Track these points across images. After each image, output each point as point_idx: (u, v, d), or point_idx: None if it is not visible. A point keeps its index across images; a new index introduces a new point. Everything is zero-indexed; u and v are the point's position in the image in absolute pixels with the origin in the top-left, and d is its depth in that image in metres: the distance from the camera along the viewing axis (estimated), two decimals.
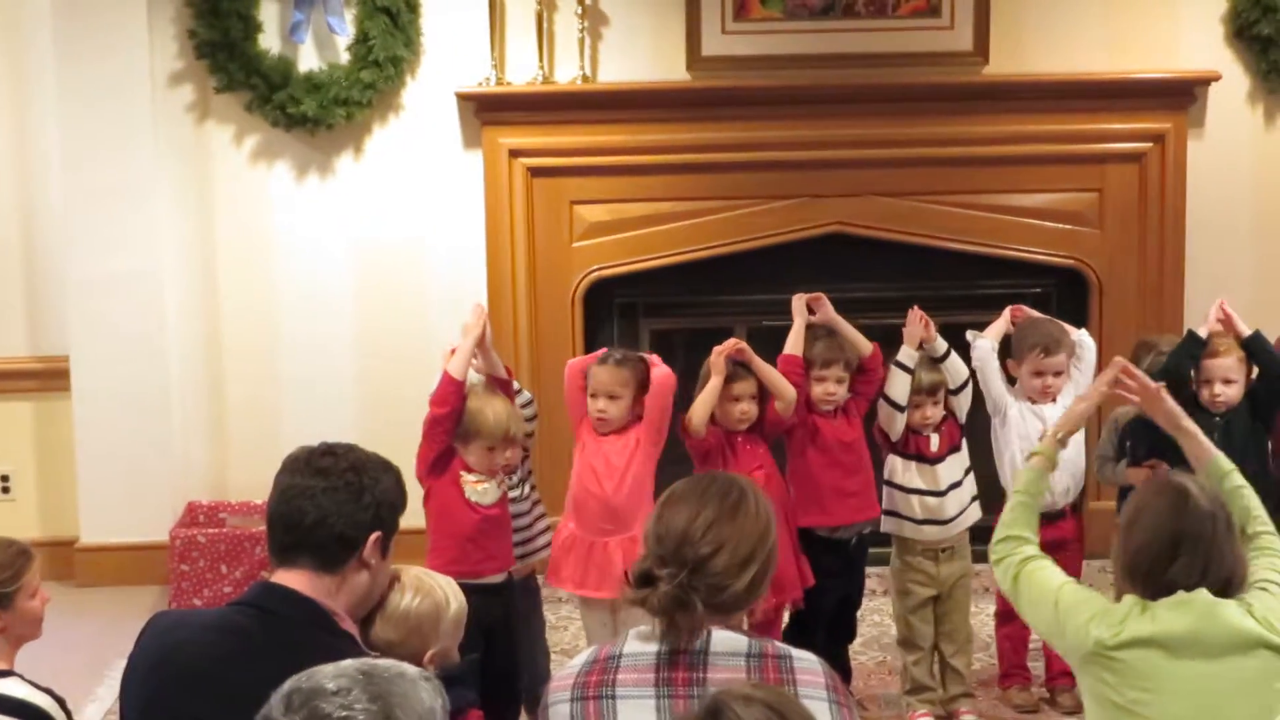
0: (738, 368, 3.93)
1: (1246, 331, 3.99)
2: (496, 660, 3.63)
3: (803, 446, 4.06)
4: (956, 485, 4.10)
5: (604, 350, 3.99)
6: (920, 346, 4.07)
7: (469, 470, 3.71)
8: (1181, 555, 2.46)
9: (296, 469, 2.31)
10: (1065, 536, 4.14)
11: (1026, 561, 2.68)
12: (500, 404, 3.70)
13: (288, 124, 5.28)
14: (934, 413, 4.07)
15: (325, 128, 5.29)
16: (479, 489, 3.71)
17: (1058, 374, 4.11)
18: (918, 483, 4.08)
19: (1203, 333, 3.98)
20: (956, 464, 4.12)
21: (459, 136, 5.37)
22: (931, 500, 4.07)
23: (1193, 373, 3.98)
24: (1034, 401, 4.12)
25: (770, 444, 4.01)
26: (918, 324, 4.04)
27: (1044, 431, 3.32)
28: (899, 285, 5.39)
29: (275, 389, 5.48)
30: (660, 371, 3.89)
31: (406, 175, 5.41)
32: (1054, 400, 4.10)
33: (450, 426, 3.66)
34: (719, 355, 3.90)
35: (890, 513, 4.14)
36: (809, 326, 4.11)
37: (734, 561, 2.09)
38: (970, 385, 4.11)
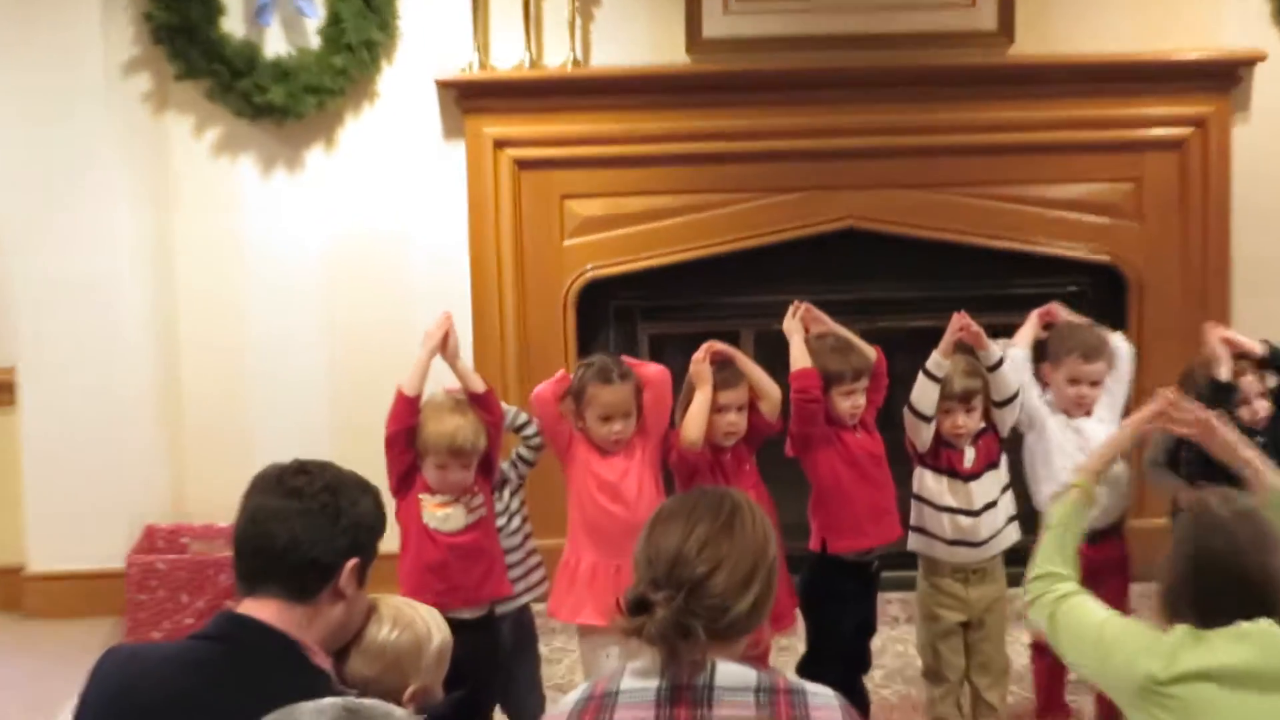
0: (723, 374, 3.90)
1: (1256, 348, 4.02)
2: (470, 704, 3.61)
3: (831, 465, 4.05)
4: (992, 505, 4.06)
5: (562, 374, 3.95)
6: (959, 352, 4.04)
7: (430, 492, 3.71)
8: (1236, 583, 2.45)
9: (267, 489, 2.31)
10: (1110, 559, 4.13)
11: (1064, 599, 2.67)
12: (454, 417, 3.68)
13: (253, 114, 5.28)
14: (967, 422, 4.02)
15: (294, 118, 5.29)
16: (439, 514, 3.71)
17: (1094, 384, 4.09)
18: (949, 500, 4.04)
19: (1224, 374, 3.97)
20: (993, 482, 4.08)
21: (439, 126, 5.38)
22: (964, 520, 4.04)
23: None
24: (1068, 414, 4.10)
25: (757, 456, 4.01)
26: (957, 332, 3.99)
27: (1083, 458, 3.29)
28: (918, 285, 5.44)
29: (242, 402, 5.49)
30: (654, 369, 3.93)
31: (383, 169, 5.42)
32: (1088, 413, 4.09)
33: (403, 447, 3.69)
34: (700, 363, 3.89)
35: (918, 530, 4.11)
36: (818, 337, 4.13)
37: (734, 580, 2.09)
38: (1018, 400, 4.06)
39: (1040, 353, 4.22)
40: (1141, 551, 4.52)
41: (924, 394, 4.00)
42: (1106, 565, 4.04)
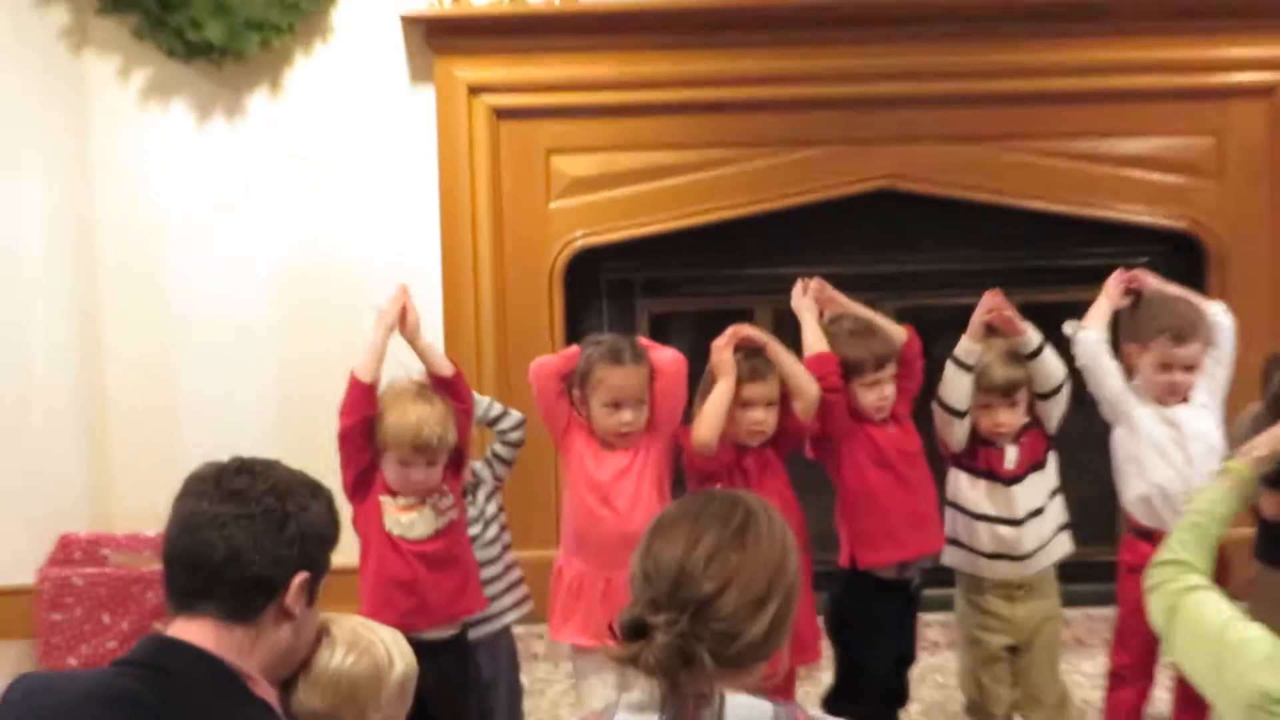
0: (751, 362, 3.89)
1: None
2: None
3: (859, 467, 4.05)
4: (1037, 513, 4.06)
5: (575, 349, 3.93)
6: (991, 337, 4.02)
7: (392, 494, 3.72)
8: None
9: (202, 492, 2.30)
10: None
11: (1190, 591, 2.67)
12: (418, 406, 3.68)
13: (187, 54, 5.29)
14: (1009, 418, 4.02)
15: (235, 58, 5.31)
16: (403, 519, 3.71)
17: (1190, 368, 4.02)
18: (987, 507, 4.05)
19: None
20: (1038, 485, 4.07)
21: (405, 69, 5.41)
22: (1005, 530, 4.04)
23: None
24: (1161, 403, 4.04)
25: (784, 460, 3.99)
26: (986, 313, 3.98)
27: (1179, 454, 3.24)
28: (965, 256, 5.47)
29: (171, 393, 5.50)
30: (668, 355, 3.90)
31: (338, 119, 5.43)
32: (1184, 400, 4.04)
33: (360, 441, 3.69)
34: (724, 350, 3.87)
35: (953, 542, 4.11)
36: (833, 320, 4.14)
37: (746, 600, 2.07)
38: (1065, 391, 4.04)
39: (1117, 327, 4.14)
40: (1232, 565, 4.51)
41: (954, 386, 4.00)
42: None
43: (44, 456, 5.31)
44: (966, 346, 3.99)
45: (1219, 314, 4.10)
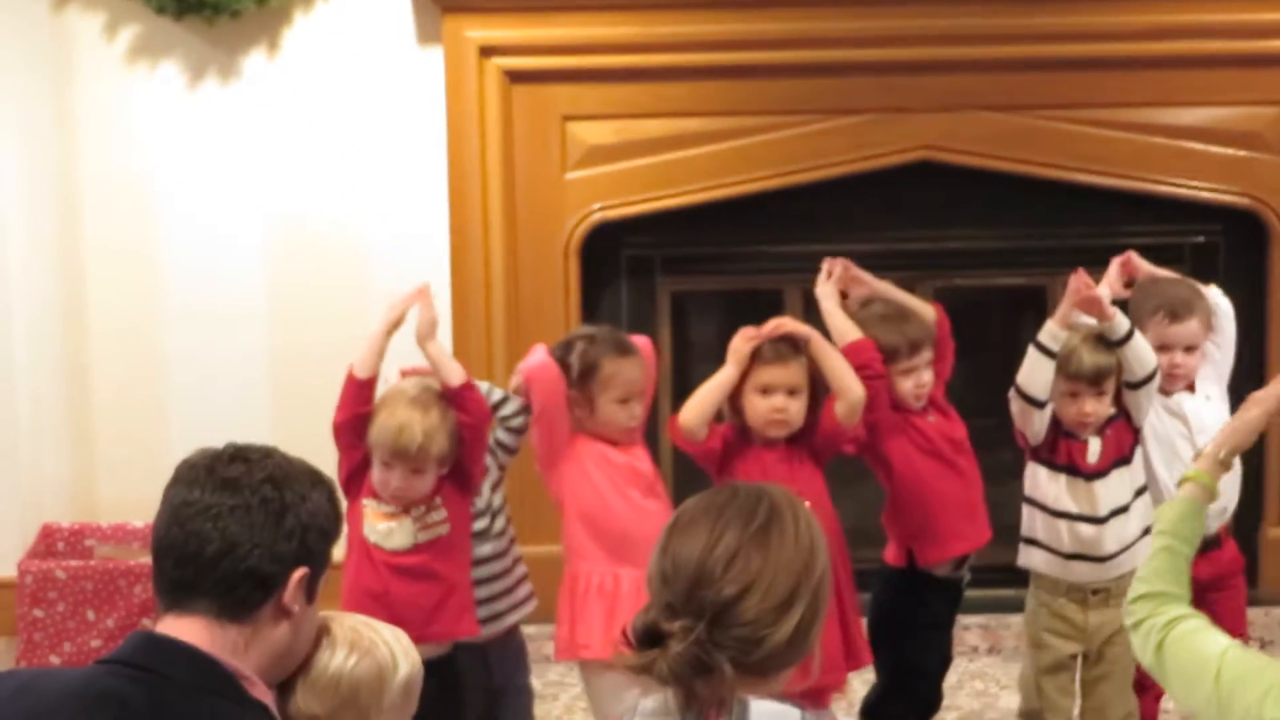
0: (774, 345, 3.91)
1: None
2: None
3: (907, 458, 4.08)
4: (1121, 511, 4.05)
5: (541, 350, 3.96)
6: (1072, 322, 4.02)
7: (377, 498, 3.75)
8: None
9: (195, 480, 2.29)
10: (1223, 571, 4.14)
11: (1174, 624, 2.65)
12: (409, 410, 3.70)
13: (178, 10, 5.27)
14: (1096, 409, 4.00)
15: (229, 16, 5.29)
16: (380, 527, 3.74)
17: (1189, 349, 4.11)
18: (1067, 504, 4.04)
19: None
20: (1123, 481, 4.06)
21: (411, 28, 5.39)
22: (1085, 529, 4.03)
23: None
24: (1164, 392, 4.11)
25: (822, 465, 3.99)
26: (1076, 295, 3.96)
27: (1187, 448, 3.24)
28: (1007, 233, 5.47)
29: (161, 376, 5.49)
30: (642, 339, 4.06)
31: (339, 81, 5.42)
32: (1191, 388, 4.09)
33: (352, 438, 3.74)
34: (751, 340, 3.89)
35: (1030, 541, 4.11)
36: (863, 305, 4.16)
37: (770, 604, 2.06)
38: (1157, 380, 4.05)
39: None
40: (1272, 566, 4.50)
41: (1036, 373, 3.98)
42: (1220, 581, 4.06)
43: (24, 444, 5.31)
44: (1052, 331, 3.97)
45: (1217, 296, 4.19)
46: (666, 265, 5.55)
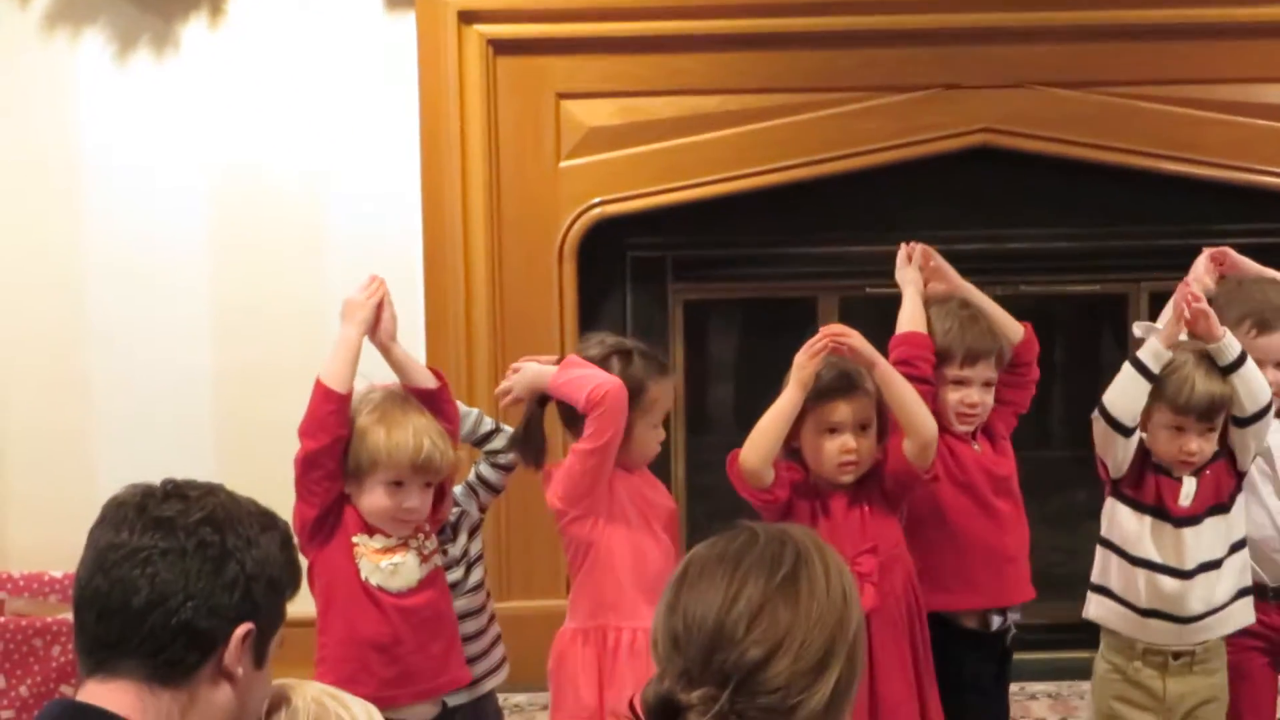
0: (840, 371, 3.85)
1: None
2: None
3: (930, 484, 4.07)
4: (1213, 566, 3.97)
5: (577, 361, 3.94)
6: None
7: (368, 532, 3.68)
8: None
9: (122, 520, 2.28)
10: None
11: None
12: (413, 416, 3.70)
13: None
14: (1202, 447, 3.91)
15: None
16: (384, 564, 3.69)
17: (1279, 364, 4.05)
18: (1149, 550, 3.96)
19: None
20: (1218, 532, 3.98)
21: None
22: (1167, 582, 3.95)
23: None
24: None
25: (898, 513, 3.98)
26: (1184, 311, 3.86)
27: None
28: (1081, 231, 5.48)
29: (83, 403, 5.51)
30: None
31: (294, 54, 5.44)
32: (1278, 413, 4.01)
33: (333, 468, 3.66)
34: (813, 355, 3.79)
35: (1100, 589, 4.04)
36: (928, 302, 4.13)
37: (802, 667, 2.06)
38: (1270, 417, 3.95)
39: None
40: None
41: (1128, 395, 3.90)
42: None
43: None
44: (1156, 350, 3.87)
45: None
46: (678, 269, 5.56)
